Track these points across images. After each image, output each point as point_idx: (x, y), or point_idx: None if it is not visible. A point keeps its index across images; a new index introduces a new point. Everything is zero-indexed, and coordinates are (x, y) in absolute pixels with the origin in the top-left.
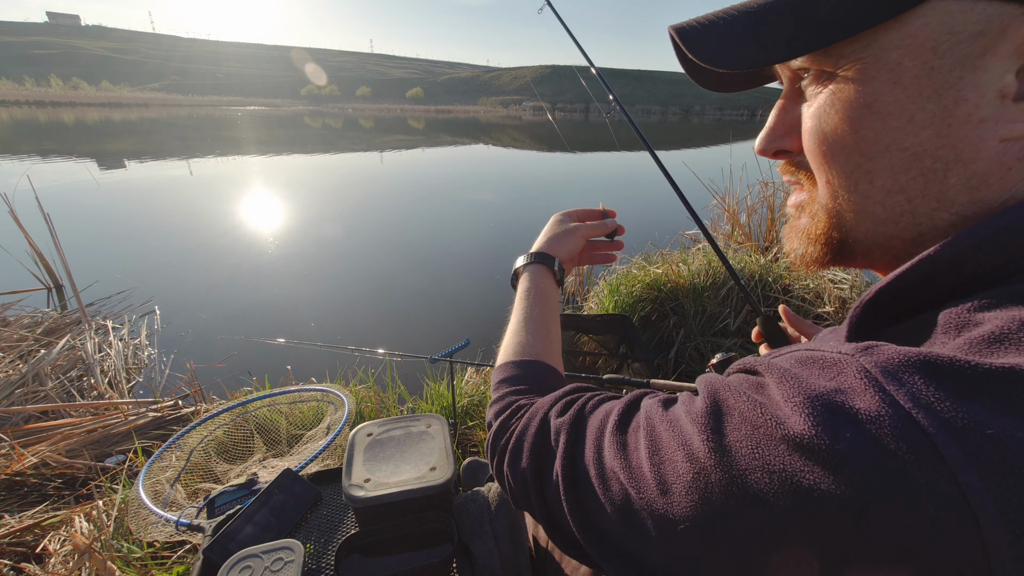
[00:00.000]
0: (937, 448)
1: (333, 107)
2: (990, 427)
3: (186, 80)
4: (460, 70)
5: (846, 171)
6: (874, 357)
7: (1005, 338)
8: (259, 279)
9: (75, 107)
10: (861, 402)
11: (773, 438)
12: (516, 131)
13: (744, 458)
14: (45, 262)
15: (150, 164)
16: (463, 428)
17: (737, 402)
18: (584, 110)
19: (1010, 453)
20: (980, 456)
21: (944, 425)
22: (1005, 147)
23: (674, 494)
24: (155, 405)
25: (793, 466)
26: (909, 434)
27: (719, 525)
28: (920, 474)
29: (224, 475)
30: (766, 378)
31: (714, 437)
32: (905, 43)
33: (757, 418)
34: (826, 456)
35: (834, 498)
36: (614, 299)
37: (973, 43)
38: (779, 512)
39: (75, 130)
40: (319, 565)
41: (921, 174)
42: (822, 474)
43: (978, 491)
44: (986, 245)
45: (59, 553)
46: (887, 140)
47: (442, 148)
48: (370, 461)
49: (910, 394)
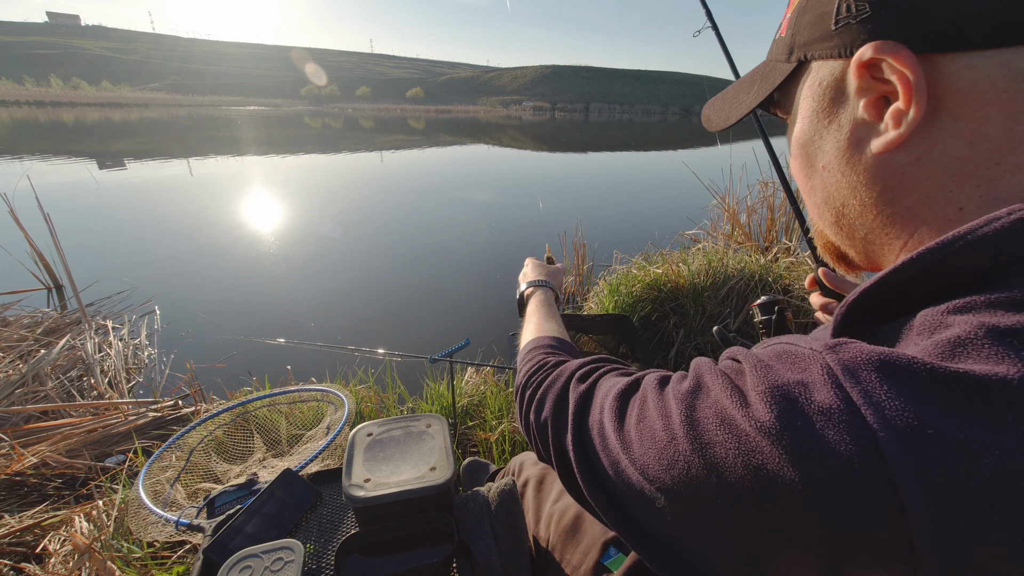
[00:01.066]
0: (878, 443)
1: (333, 107)
2: (931, 427)
3: (186, 80)
4: (460, 70)
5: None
6: (839, 355)
7: (968, 343)
8: (259, 279)
9: (75, 107)
10: (818, 395)
11: (736, 418)
12: (516, 131)
13: (709, 432)
14: (45, 262)
15: (150, 164)
16: (463, 428)
17: (714, 384)
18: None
19: (945, 452)
20: (916, 453)
21: (888, 422)
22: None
23: (651, 458)
24: (155, 405)
25: (748, 445)
26: (854, 428)
27: (687, 489)
28: (859, 465)
29: (224, 475)
30: (744, 366)
31: (688, 411)
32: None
33: (726, 399)
34: (777, 441)
35: (782, 479)
36: (614, 299)
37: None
38: (733, 483)
39: (75, 130)
40: (319, 565)
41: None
42: (773, 456)
43: (910, 485)
44: (966, 250)
45: (59, 553)
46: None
47: (442, 148)
48: (370, 461)
49: (863, 391)
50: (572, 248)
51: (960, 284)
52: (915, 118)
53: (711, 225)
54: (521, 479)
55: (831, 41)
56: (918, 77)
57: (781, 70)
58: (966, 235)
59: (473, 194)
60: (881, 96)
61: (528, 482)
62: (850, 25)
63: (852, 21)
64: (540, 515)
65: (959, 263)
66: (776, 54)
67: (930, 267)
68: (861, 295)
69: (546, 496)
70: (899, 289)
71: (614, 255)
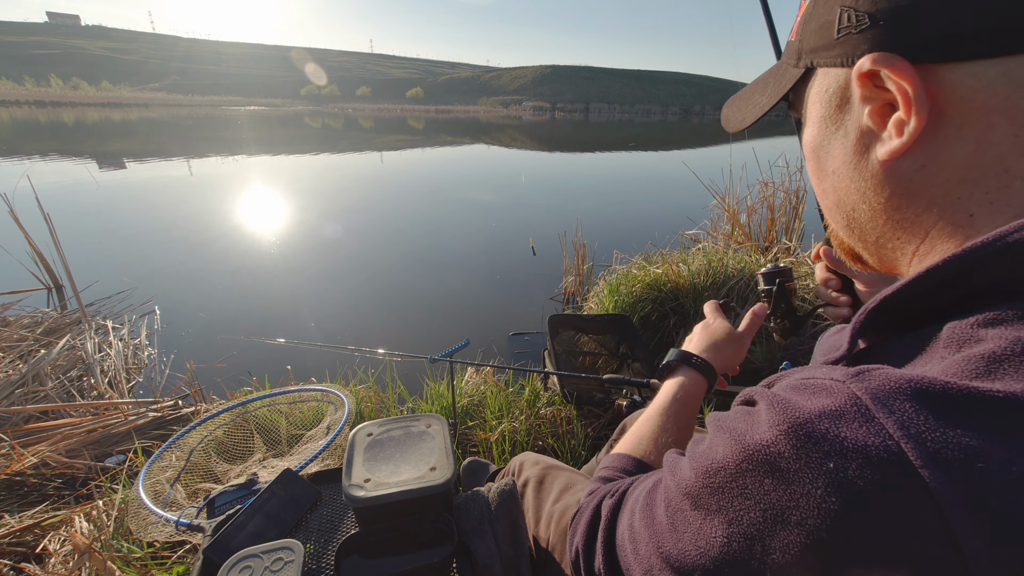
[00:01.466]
0: (925, 481)
1: (333, 107)
2: (981, 460)
3: (186, 80)
4: (460, 70)
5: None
6: (865, 383)
7: (1005, 359)
8: (259, 279)
9: (75, 107)
10: (848, 430)
11: (755, 462)
12: (516, 131)
13: (735, 501)
14: (45, 262)
15: (150, 164)
16: (463, 428)
17: (725, 435)
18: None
19: (1000, 489)
20: (969, 491)
21: (933, 457)
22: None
23: (687, 543)
24: (155, 405)
25: (771, 488)
26: (896, 465)
27: (728, 566)
28: (907, 508)
29: (224, 475)
30: (760, 405)
31: (706, 474)
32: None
33: (740, 447)
34: (807, 484)
35: (815, 527)
36: (614, 299)
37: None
38: (772, 547)
39: (75, 130)
40: (319, 565)
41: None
42: (801, 501)
43: (965, 527)
44: (995, 258)
45: (59, 553)
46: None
47: (442, 148)
48: (370, 461)
49: (900, 423)
50: (572, 248)
51: (987, 292)
52: (916, 128)
53: (711, 225)
54: (521, 479)
55: (834, 50)
56: (916, 89)
57: (791, 74)
58: (995, 242)
59: (473, 194)
60: (886, 104)
61: (528, 482)
62: (851, 35)
63: (852, 31)
64: (540, 515)
65: (987, 271)
66: (787, 57)
67: (958, 275)
68: (883, 301)
69: (546, 496)
70: (922, 296)
71: (614, 255)
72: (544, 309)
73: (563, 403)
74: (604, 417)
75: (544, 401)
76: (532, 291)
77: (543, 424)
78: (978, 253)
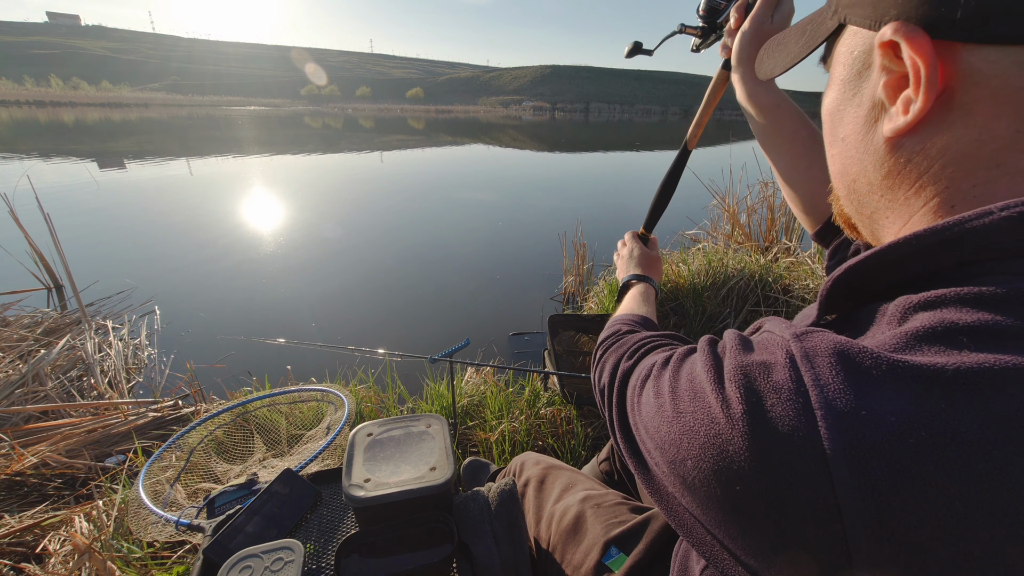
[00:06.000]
0: (816, 419)
1: (333, 107)
2: (866, 408)
3: (186, 80)
4: (460, 70)
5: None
6: (803, 343)
7: (927, 337)
8: (259, 279)
9: (75, 107)
10: (777, 375)
11: (706, 392)
12: (516, 131)
13: (684, 402)
14: (45, 262)
15: (150, 164)
16: (463, 428)
17: (702, 360)
18: (584, 110)
19: (875, 431)
20: (848, 430)
21: (829, 402)
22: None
23: (650, 423)
24: (155, 405)
25: (711, 415)
26: (799, 405)
27: (670, 448)
28: (798, 437)
29: (224, 475)
30: (728, 347)
31: (673, 385)
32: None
33: (704, 375)
34: (732, 412)
35: (736, 447)
36: (614, 299)
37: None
38: (699, 447)
39: (75, 130)
40: (319, 565)
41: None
42: (728, 426)
43: (838, 459)
44: (952, 241)
45: (59, 553)
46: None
47: (442, 148)
48: (370, 461)
49: (814, 375)
50: (572, 248)
51: (944, 272)
52: (921, 108)
53: (711, 225)
54: (521, 479)
55: (866, 8)
56: (929, 68)
57: (827, 26)
58: (954, 226)
59: (473, 194)
60: (902, 77)
61: (529, 482)
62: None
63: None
64: (541, 515)
65: (943, 252)
66: (828, 5)
67: (914, 253)
68: (844, 272)
69: (547, 496)
70: (882, 269)
71: (614, 255)
72: (544, 309)
73: (563, 403)
74: (604, 417)
75: (544, 401)
76: (532, 291)
77: (543, 424)
78: (938, 235)
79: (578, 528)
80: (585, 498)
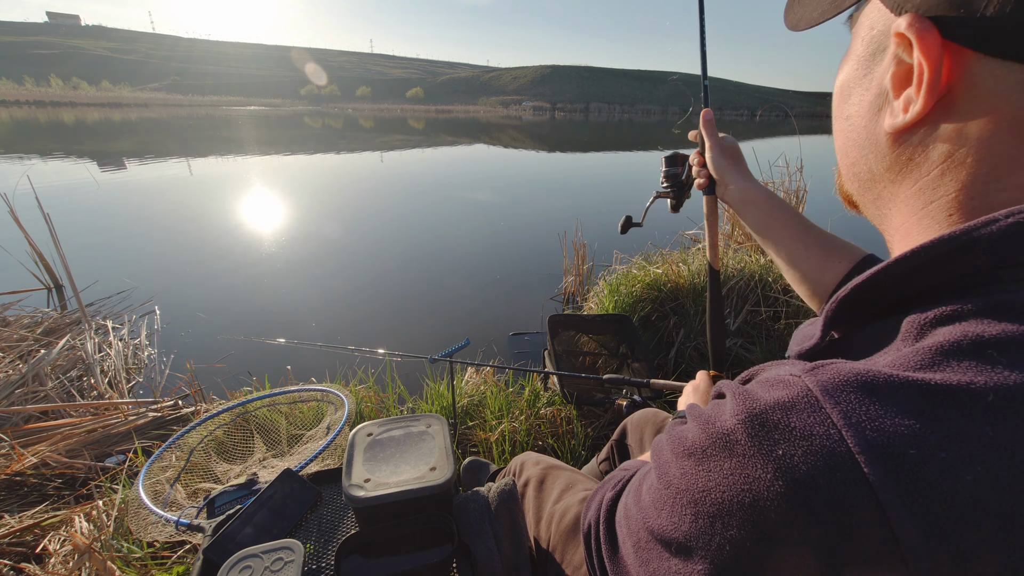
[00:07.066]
0: (861, 467)
1: (333, 107)
2: (913, 447)
3: (186, 80)
4: (460, 70)
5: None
6: (818, 377)
7: (950, 353)
8: (259, 279)
9: (75, 107)
10: (798, 420)
11: (717, 447)
12: (516, 131)
13: (696, 470)
14: (45, 262)
15: (150, 164)
16: (463, 428)
17: (697, 422)
18: (584, 110)
19: (929, 471)
20: (899, 474)
21: (870, 445)
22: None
23: (664, 519)
24: (155, 405)
25: (729, 471)
26: (837, 453)
27: (696, 539)
28: (844, 491)
29: (224, 475)
30: (727, 397)
31: (679, 458)
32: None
33: (705, 434)
34: (758, 468)
35: (765, 508)
36: (614, 299)
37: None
38: (721, 515)
39: (75, 130)
40: (319, 565)
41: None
42: (754, 484)
43: (896, 507)
44: (959, 252)
45: (59, 553)
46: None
47: (442, 148)
48: (370, 461)
49: (843, 413)
50: (572, 248)
51: (953, 284)
52: (920, 110)
53: None
54: (521, 479)
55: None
56: (933, 72)
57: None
58: (961, 236)
59: (473, 194)
60: (911, 70)
61: (529, 482)
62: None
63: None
64: (541, 515)
65: (952, 264)
66: None
67: (922, 267)
68: (850, 292)
69: (547, 496)
70: (889, 286)
71: (614, 255)
72: (544, 309)
73: (563, 403)
74: (604, 417)
75: (544, 401)
76: (532, 291)
77: (543, 424)
78: (945, 246)
79: (578, 528)
80: (585, 498)
